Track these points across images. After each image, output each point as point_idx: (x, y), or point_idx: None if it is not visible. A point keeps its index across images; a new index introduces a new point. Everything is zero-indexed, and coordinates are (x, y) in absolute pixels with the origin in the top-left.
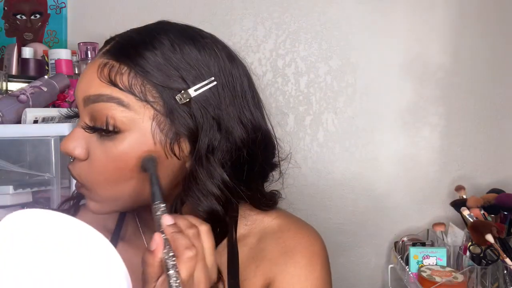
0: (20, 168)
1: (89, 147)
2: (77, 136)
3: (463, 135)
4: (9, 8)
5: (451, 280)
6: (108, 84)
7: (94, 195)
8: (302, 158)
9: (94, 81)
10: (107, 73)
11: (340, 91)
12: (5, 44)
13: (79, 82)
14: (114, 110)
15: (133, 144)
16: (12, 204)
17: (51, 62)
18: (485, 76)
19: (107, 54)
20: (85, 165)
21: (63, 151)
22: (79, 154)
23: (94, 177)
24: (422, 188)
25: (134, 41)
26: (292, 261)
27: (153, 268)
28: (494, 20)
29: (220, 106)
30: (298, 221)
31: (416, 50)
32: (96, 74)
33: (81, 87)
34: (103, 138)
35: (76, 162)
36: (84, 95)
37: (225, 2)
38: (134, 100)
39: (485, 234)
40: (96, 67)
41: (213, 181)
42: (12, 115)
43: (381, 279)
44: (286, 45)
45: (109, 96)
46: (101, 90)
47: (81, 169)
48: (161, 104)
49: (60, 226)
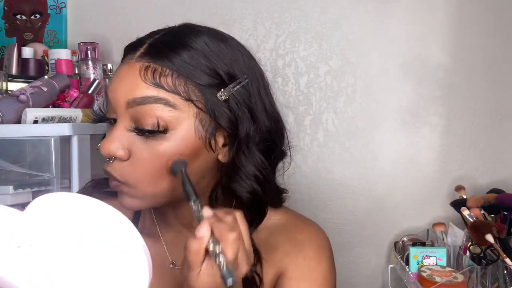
0: (20, 168)
1: (130, 148)
2: (118, 138)
3: (463, 135)
4: (9, 8)
5: (451, 280)
6: (154, 86)
7: (136, 192)
8: (302, 158)
9: (138, 84)
10: (151, 75)
11: (340, 91)
12: (5, 44)
13: (116, 86)
14: (161, 110)
15: (178, 141)
16: (12, 204)
17: (51, 62)
18: (485, 76)
19: (146, 57)
20: (127, 165)
21: (105, 153)
22: (122, 155)
23: (138, 176)
24: (422, 188)
25: (172, 44)
26: (302, 254)
27: (198, 254)
28: (494, 20)
29: (250, 99)
30: (304, 217)
31: (416, 50)
32: (140, 77)
33: (122, 90)
34: (147, 138)
35: (117, 163)
36: (128, 98)
37: (225, 2)
38: (180, 100)
39: (485, 234)
40: (136, 70)
41: (253, 165)
42: (12, 115)
43: (381, 279)
44: (286, 45)
45: (156, 97)
46: (147, 93)
47: (123, 169)
48: (203, 102)
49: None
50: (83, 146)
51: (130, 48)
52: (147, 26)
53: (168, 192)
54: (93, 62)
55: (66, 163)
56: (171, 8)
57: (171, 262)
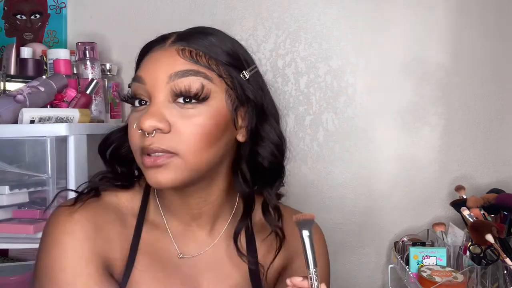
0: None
1: (170, 120)
2: (156, 112)
3: (463, 135)
4: (9, 8)
5: (451, 280)
6: (192, 62)
7: (182, 163)
8: (302, 158)
9: (178, 61)
10: (188, 54)
11: (340, 91)
12: (5, 44)
13: (153, 65)
14: (202, 81)
15: (213, 112)
16: (8, 204)
17: (49, 62)
18: (485, 76)
19: (178, 42)
20: (171, 136)
21: (147, 128)
22: (165, 127)
23: (184, 145)
24: (422, 188)
25: (199, 31)
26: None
27: None
28: (494, 20)
29: (259, 83)
30: (295, 210)
31: (416, 50)
32: (178, 56)
33: (162, 67)
34: (185, 109)
35: (160, 136)
36: (170, 72)
37: (225, 2)
38: (214, 75)
39: (485, 234)
40: (173, 52)
41: (276, 133)
42: (9, 115)
43: (381, 279)
44: (286, 45)
45: (196, 70)
46: (188, 66)
47: (170, 140)
48: (231, 80)
49: None
50: (80, 146)
51: (156, 42)
52: (147, 26)
53: (206, 167)
54: (91, 62)
55: (62, 164)
56: (171, 8)
57: (179, 253)
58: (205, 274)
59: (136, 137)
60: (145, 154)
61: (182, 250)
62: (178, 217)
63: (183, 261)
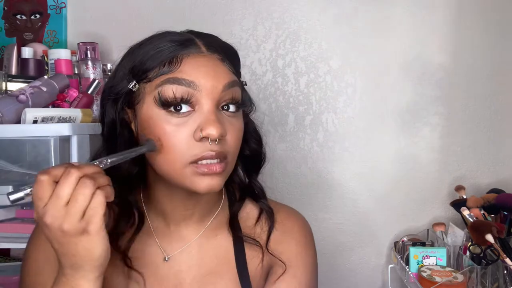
0: (20, 168)
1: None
2: (219, 119)
3: (463, 135)
4: (9, 8)
5: (451, 280)
6: (232, 73)
7: (229, 168)
8: (302, 158)
9: (225, 71)
10: (228, 65)
11: (340, 91)
12: (5, 44)
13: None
14: (241, 91)
15: (242, 117)
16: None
17: (50, 62)
18: (485, 76)
19: (211, 50)
20: (223, 143)
21: (217, 135)
22: (225, 133)
23: (232, 151)
24: (422, 188)
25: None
26: (294, 241)
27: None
28: (494, 20)
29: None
30: (282, 204)
31: (416, 50)
32: (224, 66)
33: (217, 77)
34: (229, 116)
35: (222, 142)
36: (224, 83)
37: (225, 2)
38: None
39: (485, 234)
40: (217, 61)
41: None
42: (12, 115)
43: (381, 279)
44: (286, 45)
45: (237, 81)
46: (232, 77)
47: (226, 145)
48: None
49: None
50: (83, 146)
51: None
52: (147, 26)
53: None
54: (93, 62)
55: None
56: (171, 8)
57: (165, 256)
58: (189, 272)
59: (188, 144)
60: (194, 162)
61: (166, 249)
62: (169, 218)
63: (169, 263)
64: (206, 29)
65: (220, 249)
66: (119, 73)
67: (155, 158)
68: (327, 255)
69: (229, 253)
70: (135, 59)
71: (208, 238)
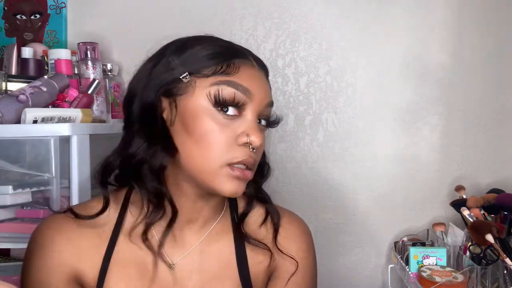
0: (20, 168)
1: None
2: (260, 130)
3: (463, 135)
4: (9, 8)
5: (451, 280)
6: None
7: (251, 176)
8: (302, 158)
9: (269, 90)
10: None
11: (340, 91)
12: (5, 44)
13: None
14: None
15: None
16: (11, 204)
17: (50, 62)
18: (485, 76)
19: (263, 69)
20: (257, 152)
21: (260, 144)
22: (264, 143)
23: (258, 161)
24: (422, 188)
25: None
26: (296, 246)
27: None
28: (494, 20)
29: None
30: (284, 208)
31: (416, 50)
32: (268, 84)
33: (267, 93)
34: (261, 130)
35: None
36: (268, 100)
37: (225, 2)
38: None
39: (485, 234)
40: (265, 78)
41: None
42: (12, 115)
43: (381, 279)
44: (286, 45)
45: (273, 103)
46: (272, 98)
47: (257, 155)
48: None
49: None
50: (83, 146)
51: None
52: (147, 26)
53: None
54: (93, 62)
55: (65, 163)
56: (171, 9)
57: (171, 263)
58: (191, 277)
59: (230, 146)
60: (231, 164)
61: (169, 255)
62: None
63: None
64: (206, 29)
65: (222, 254)
66: (163, 62)
67: (191, 151)
68: (327, 255)
69: (231, 258)
70: (188, 53)
71: (210, 243)
